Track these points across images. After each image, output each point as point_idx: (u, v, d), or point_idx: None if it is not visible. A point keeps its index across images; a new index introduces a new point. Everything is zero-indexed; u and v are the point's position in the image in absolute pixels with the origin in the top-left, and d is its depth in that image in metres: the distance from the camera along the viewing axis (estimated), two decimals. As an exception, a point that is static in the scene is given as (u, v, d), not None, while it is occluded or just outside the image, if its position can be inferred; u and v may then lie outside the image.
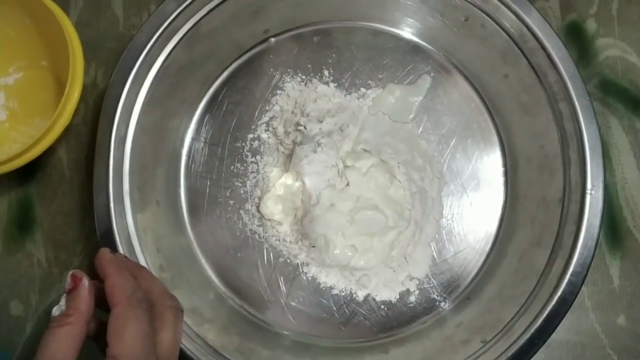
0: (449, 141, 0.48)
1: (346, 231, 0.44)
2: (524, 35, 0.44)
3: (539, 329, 0.40)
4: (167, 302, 0.30)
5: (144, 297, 0.29)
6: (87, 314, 0.29)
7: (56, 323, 0.28)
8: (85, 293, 0.29)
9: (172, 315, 0.30)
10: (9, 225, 0.48)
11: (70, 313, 0.29)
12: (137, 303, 0.29)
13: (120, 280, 0.30)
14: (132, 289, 0.29)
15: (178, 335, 0.30)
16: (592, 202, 0.41)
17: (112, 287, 0.29)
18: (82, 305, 0.29)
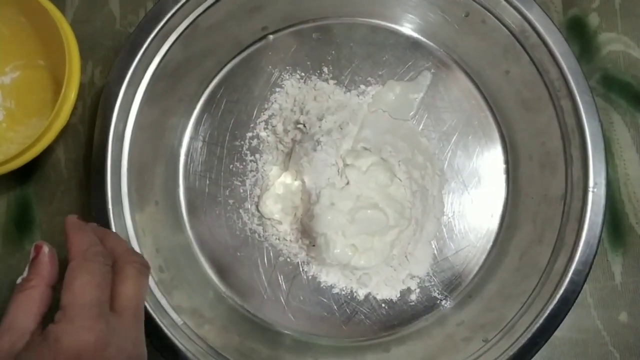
0: (449, 138, 0.48)
1: (346, 230, 0.43)
2: (525, 31, 0.43)
3: (541, 327, 0.40)
4: (129, 258, 0.30)
5: (102, 251, 0.29)
6: (48, 278, 0.29)
7: (17, 289, 0.29)
8: (45, 259, 0.29)
9: (134, 270, 0.30)
10: (8, 226, 0.47)
11: (31, 278, 0.29)
12: (92, 257, 0.29)
13: (78, 237, 0.30)
14: (89, 244, 0.29)
15: (140, 289, 0.30)
16: (595, 200, 0.41)
17: (70, 246, 0.29)
18: (42, 269, 0.29)
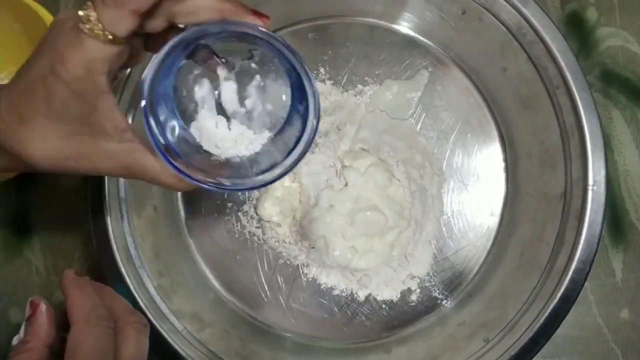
0: (448, 137, 0.48)
1: (346, 232, 0.43)
2: (522, 28, 0.43)
3: (542, 326, 0.40)
4: (129, 318, 0.30)
5: (105, 314, 0.29)
6: (46, 338, 0.28)
7: (14, 352, 0.28)
8: (42, 318, 0.28)
9: (135, 331, 0.29)
10: (7, 233, 0.47)
11: (28, 339, 0.28)
12: (95, 321, 0.28)
13: (79, 299, 0.29)
14: (92, 306, 0.29)
15: (142, 351, 0.30)
16: (594, 198, 0.40)
17: (70, 307, 0.29)
18: (39, 330, 0.28)
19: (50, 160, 0.29)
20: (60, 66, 0.27)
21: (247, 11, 0.28)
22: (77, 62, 0.27)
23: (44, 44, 0.28)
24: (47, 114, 0.28)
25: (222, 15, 0.28)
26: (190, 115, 0.30)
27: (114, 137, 0.29)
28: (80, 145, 0.29)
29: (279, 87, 0.30)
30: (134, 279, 0.41)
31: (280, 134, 0.31)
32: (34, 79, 0.27)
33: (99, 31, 0.26)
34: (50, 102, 0.27)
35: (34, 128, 0.28)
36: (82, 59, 0.27)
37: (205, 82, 0.30)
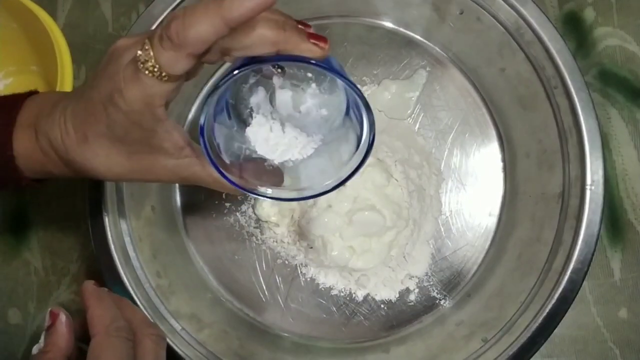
0: (446, 137, 0.48)
1: (344, 232, 0.43)
2: (520, 28, 0.43)
3: (540, 326, 0.40)
4: (147, 330, 0.30)
5: (124, 326, 0.29)
6: (65, 348, 0.29)
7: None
8: (62, 328, 0.29)
9: (153, 343, 0.30)
10: (5, 234, 0.47)
11: (48, 349, 0.29)
12: (115, 332, 0.29)
13: (100, 310, 0.30)
14: (112, 318, 0.29)
15: None
16: (592, 198, 0.41)
17: (91, 318, 0.29)
18: (59, 340, 0.29)
19: (114, 174, 0.31)
20: (120, 99, 0.28)
21: (303, 38, 0.27)
22: (135, 98, 0.28)
23: (104, 71, 0.29)
24: (109, 137, 0.30)
25: (277, 48, 0.27)
26: (245, 121, 0.31)
27: (173, 154, 0.31)
28: (141, 163, 0.31)
29: (333, 96, 0.31)
30: (132, 279, 0.41)
31: (333, 141, 0.32)
32: (96, 104, 0.29)
33: (156, 71, 0.27)
34: (111, 128, 0.29)
35: (97, 148, 0.30)
36: (140, 95, 0.28)
37: (260, 90, 0.31)
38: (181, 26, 0.25)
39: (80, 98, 0.30)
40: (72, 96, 0.31)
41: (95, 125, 0.29)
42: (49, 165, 0.32)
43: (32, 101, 0.32)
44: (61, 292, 0.46)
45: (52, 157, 0.31)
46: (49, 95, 0.33)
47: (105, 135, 0.30)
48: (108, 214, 0.41)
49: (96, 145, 0.30)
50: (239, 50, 0.27)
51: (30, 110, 0.32)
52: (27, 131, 0.31)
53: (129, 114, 0.28)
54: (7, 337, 0.46)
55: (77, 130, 0.30)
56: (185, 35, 0.26)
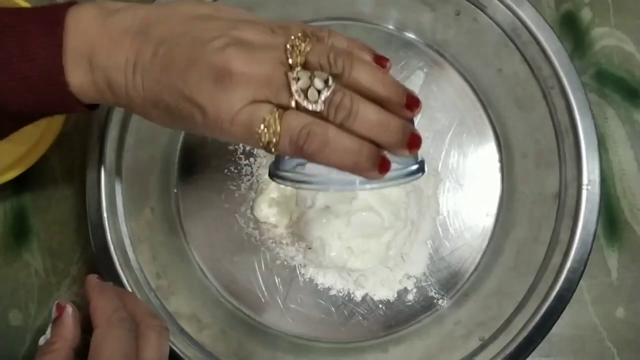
0: (444, 137, 0.48)
1: (342, 233, 0.44)
2: (517, 29, 0.43)
3: (537, 325, 0.40)
4: (150, 322, 0.31)
5: (127, 317, 0.30)
6: (72, 340, 0.29)
7: (41, 352, 0.29)
8: (69, 320, 0.30)
9: (156, 334, 0.30)
10: (5, 236, 0.48)
11: (54, 340, 0.29)
12: (117, 323, 0.29)
13: (102, 302, 0.30)
14: (114, 310, 0.30)
15: (162, 354, 0.30)
16: (589, 197, 0.41)
17: (94, 310, 0.30)
18: (66, 332, 0.29)
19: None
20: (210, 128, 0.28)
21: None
22: (235, 140, 0.29)
23: (207, 83, 0.27)
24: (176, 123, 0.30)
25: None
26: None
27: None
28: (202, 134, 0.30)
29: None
30: (132, 280, 0.41)
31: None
32: (182, 105, 0.28)
33: (270, 148, 0.28)
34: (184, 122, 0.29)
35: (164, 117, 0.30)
36: (235, 142, 0.29)
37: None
38: (320, 151, 0.27)
39: (160, 65, 0.28)
40: (141, 38, 0.28)
41: (169, 109, 0.28)
42: (102, 99, 0.30)
43: (77, 21, 0.28)
44: (61, 293, 0.46)
45: (109, 96, 0.29)
46: (98, 18, 0.29)
47: (177, 117, 0.29)
48: (108, 216, 0.41)
49: (163, 115, 0.29)
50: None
51: (80, 35, 0.28)
52: (81, 63, 0.28)
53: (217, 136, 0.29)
54: (8, 338, 0.46)
55: (150, 94, 0.28)
56: (315, 161, 0.28)
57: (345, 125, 0.27)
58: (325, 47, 0.28)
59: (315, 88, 0.27)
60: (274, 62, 0.27)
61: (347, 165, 0.28)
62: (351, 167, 0.28)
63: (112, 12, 0.29)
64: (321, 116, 0.27)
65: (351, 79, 0.28)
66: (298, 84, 0.27)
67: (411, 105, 0.28)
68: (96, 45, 0.28)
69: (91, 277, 0.32)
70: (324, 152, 0.27)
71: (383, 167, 0.28)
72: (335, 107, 0.27)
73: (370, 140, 0.28)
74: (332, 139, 0.27)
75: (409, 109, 0.28)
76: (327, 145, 0.27)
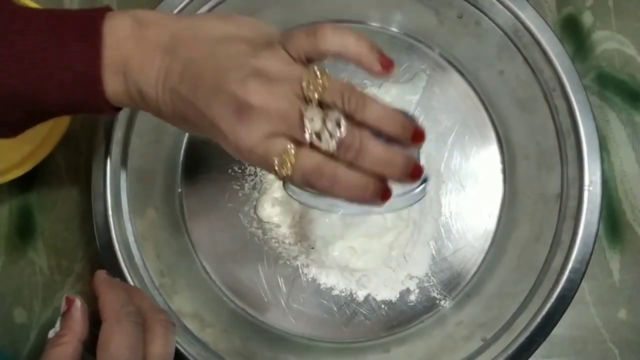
0: (446, 139, 0.48)
1: (345, 233, 0.44)
2: (518, 31, 0.44)
3: (539, 326, 0.40)
4: (157, 316, 0.31)
5: (134, 311, 0.30)
6: (80, 333, 0.30)
7: (50, 344, 0.29)
8: (77, 313, 0.30)
9: (162, 328, 0.31)
10: (11, 234, 0.48)
11: (63, 333, 0.29)
12: (125, 317, 0.29)
13: (110, 296, 0.30)
14: (122, 303, 0.30)
15: (169, 348, 0.31)
16: (590, 198, 0.41)
17: (102, 304, 0.30)
18: (75, 325, 0.30)
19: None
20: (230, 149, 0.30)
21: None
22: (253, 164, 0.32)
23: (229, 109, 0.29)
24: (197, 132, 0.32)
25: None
26: None
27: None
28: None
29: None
30: (136, 278, 0.41)
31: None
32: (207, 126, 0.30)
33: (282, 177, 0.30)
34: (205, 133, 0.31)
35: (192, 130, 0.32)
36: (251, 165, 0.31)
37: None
38: (330, 187, 0.29)
39: (187, 88, 0.29)
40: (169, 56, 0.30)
41: (195, 126, 0.31)
42: (134, 105, 0.32)
43: (113, 34, 0.30)
44: (66, 291, 0.47)
45: (140, 104, 0.31)
46: (131, 30, 0.30)
47: (200, 131, 0.31)
48: (113, 214, 0.41)
49: (189, 128, 0.31)
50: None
51: (116, 49, 0.30)
52: (117, 75, 0.30)
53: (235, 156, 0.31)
54: (12, 336, 0.46)
55: (177, 111, 0.30)
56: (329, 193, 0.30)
57: (355, 164, 0.30)
58: (339, 85, 0.30)
59: (327, 129, 0.29)
60: (291, 96, 0.29)
61: (353, 199, 0.30)
62: (357, 199, 0.30)
63: (144, 25, 0.31)
64: (332, 154, 0.29)
65: (362, 118, 0.30)
66: (311, 126, 0.29)
67: (417, 139, 0.30)
68: (130, 59, 0.30)
69: (100, 273, 0.32)
70: (334, 189, 0.30)
71: (385, 197, 0.30)
72: (345, 148, 0.29)
73: (375, 174, 0.30)
74: (341, 177, 0.29)
75: (414, 142, 0.31)
76: (336, 183, 0.29)
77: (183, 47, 0.30)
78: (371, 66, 0.31)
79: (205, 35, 0.30)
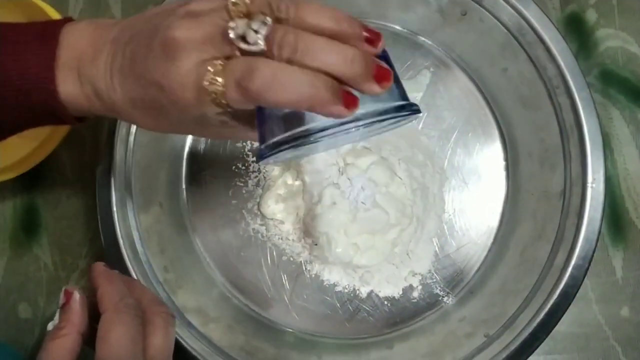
0: (449, 136, 0.48)
1: (348, 229, 0.44)
2: (522, 29, 0.44)
3: (542, 322, 0.40)
4: (156, 309, 0.31)
5: (133, 303, 0.30)
6: (79, 325, 0.29)
7: (49, 337, 0.29)
8: (76, 305, 0.30)
9: (162, 320, 0.30)
10: (16, 230, 0.48)
11: (62, 326, 0.29)
12: (124, 308, 0.29)
13: (109, 288, 0.30)
14: (121, 295, 0.30)
15: (169, 340, 0.31)
16: (594, 195, 0.41)
17: (101, 296, 0.30)
18: (73, 317, 0.29)
19: (160, 131, 0.32)
20: (177, 105, 0.28)
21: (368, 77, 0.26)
22: (194, 109, 0.28)
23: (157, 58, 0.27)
24: (157, 114, 0.30)
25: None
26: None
27: (219, 127, 0.30)
28: (187, 130, 0.32)
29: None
30: (140, 274, 0.41)
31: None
32: (147, 87, 0.28)
33: (223, 102, 0.27)
34: (162, 113, 0.29)
35: (145, 115, 0.30)
36: (200, 109, 0.28)
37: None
38: (268, 87, 0.25)
39: (128, 60, 0.29)
40: (116, 43, 0.29)
41: (144, 103, 0.29)
42: (93, 109, 0.31)
43: (70, 36, 0.30)
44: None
45: (97, 105, 0.31)
46: (87, 32, 0.31)
47: (154, 111, 0.29)
48: (117, 210, 0.42)
49: (143, 113, 0.30)
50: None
51: (70, 49, 0.30)
52: (71, 74, 0.30)
53: (185, 114, 0.28)
54: (17, 331, 0.47)
55: (125, 92, 0.29)
56: (267, 101, 0.26)
57: (294, 60, 0.26)
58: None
59: (252, 29, 0.26)
60: (216, 21, 0.27)
61: (304, 100, 0.25)
62: (309, 101, 0.25)
63: (100, 26, 0.31)
64: (266, 57, 0.26)
65: (297, 19, 0.26)
66: (235, 31, 0.26)
67: (372, 38, 0.27)
68: (83, 56, 0.30)
69: (98, 265, 0.32)
70: (274, 89, 0.25)
71: (349, 100, 0.26)
72: (278, 44, 0.26)
73: (327, 75, 0.26)
74: (279, 73, 0.25)
75: (370, 43, 0.26)
76: (275, 80, 0.25)
77: (128, 31, 0.30)
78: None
79: (144, 13, 0.30)
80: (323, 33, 0.26)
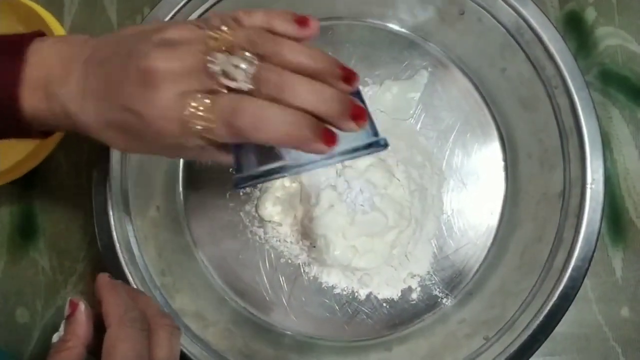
0: (448, 137, 0.48)
1: (346, 232, 0.44)
2: (520, 28, 0.43)
3: (541, 324, 0.40)
4: (161, 321, 0.31)
5: (139, 316, 0.30)
6: (85, 337, 0.29)
7: (55, 350, 0.29)
8: (82, 317, 0.29)
9: (167, 333, 0.30)
10: (13, 234, 0.48)
11: (68, 338, 0.29)
12: (130, 322, 0.29)
13: (114, 301, 0.30)
14: (126, 309, 0.30)
15: (174, 352, 0.31)
16: (593, 196, 0.41)
17: (106, 309, 0.30)
18: (79, 329, 0.29)
19: (132, 152, 0.33)
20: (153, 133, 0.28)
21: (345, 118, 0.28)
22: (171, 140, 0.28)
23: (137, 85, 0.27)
24: (131, 141, 0.30)
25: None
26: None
27: (197, 151, 0.30)
28: (162, 152, 0.32)
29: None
30: (138, 278, 0.41)
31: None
32: (125, 113, 0.28)
33: (205, 136, 0.28)
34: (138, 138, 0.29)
35: (119, 138, 0.30)
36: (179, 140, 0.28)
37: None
38: (256, 126, 0.26)
39: (103, 84, 0.29)
40: (88, 64, 0.29)
41: (119, 126, 0.29)
42: (61, 127, 0.31)
43: (38, 53, 0.30)
44: (68, 291, 0.47)
45: (65, 123, 0.30)
46: (56, 49, 0.30)
47: (127, 134, 0.29)
48: (114, 214, 0.41)
49: (116, 135, 0.30)
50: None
51: (37, 67, 0.30)
52: (37, 93, 0.30)
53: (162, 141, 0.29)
54: (15, 336, 0.47)
55: (98, 114, 0.29)
56: (254, 139, 0.27)
57: (278, 99, 0.27)
58: (245, 32, 0.28)
59: (235, 66, 0.27)
60: (195, 53, 0.27)
61: (289, 139, 0.27)
62: (294, 140, 0.27)
63: (69, 44, 0.30)
64: (252, 95, 0.27)
65: (278, 57, 0.27)
66: (216, 66, 0.27)
67: (348, 77, 0.28)
68: (51, 75, 0.30)
69: (102, 276, 0.32)
70: (261, 128, 0.27)
71: (328, 138, 0.27)
72: (262, 82, 0.27)
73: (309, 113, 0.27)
74: (265, 112, 0.27)
75: (346, 82, 0.28)
76: (262, 119, 0.27)
77: (99, 52, 0.30)
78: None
79: (117, 34, 0.30)
80: (301, 70, 0.27)
